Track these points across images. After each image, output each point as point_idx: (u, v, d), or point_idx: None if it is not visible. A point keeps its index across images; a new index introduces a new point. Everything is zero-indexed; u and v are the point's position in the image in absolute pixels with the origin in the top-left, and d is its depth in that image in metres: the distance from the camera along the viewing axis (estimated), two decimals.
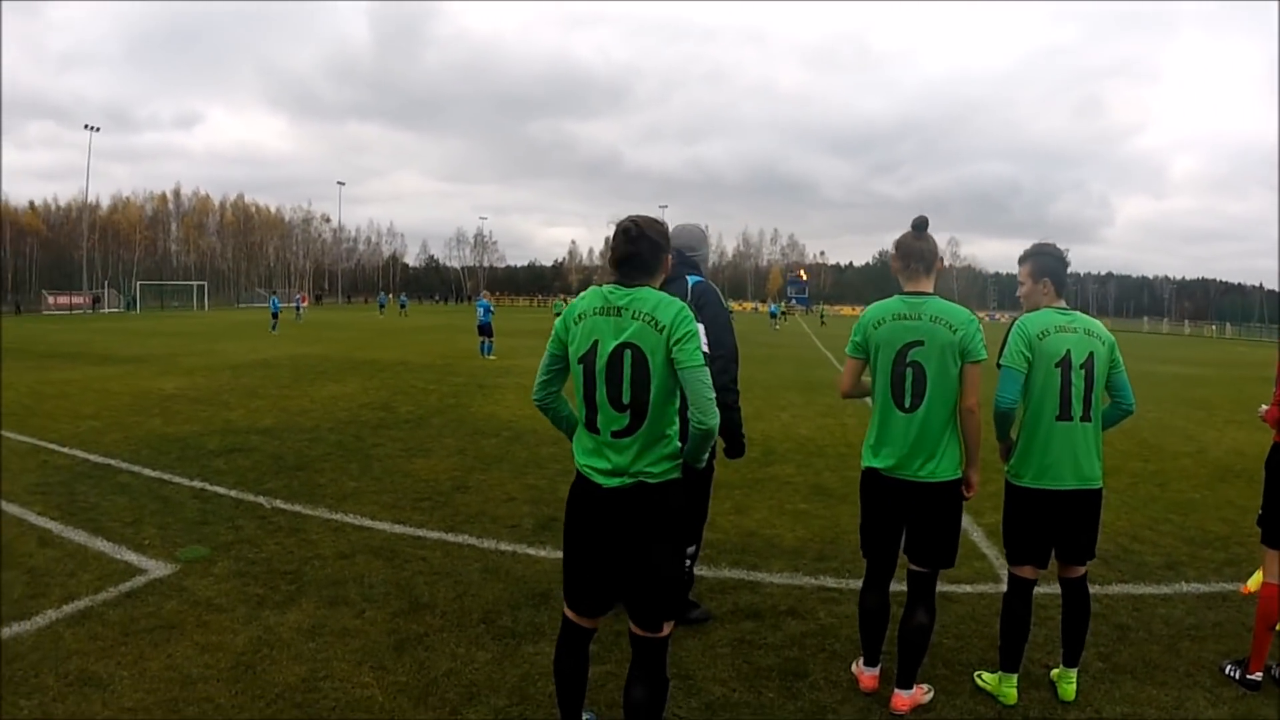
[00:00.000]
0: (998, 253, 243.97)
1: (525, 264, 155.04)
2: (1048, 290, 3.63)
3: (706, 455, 2.77)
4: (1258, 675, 3.72)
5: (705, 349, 2.98)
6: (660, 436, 2.66)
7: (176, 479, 6.98)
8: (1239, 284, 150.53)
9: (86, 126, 74.89)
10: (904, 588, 3.55)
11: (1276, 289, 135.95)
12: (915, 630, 3.47)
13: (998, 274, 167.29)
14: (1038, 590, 3.68)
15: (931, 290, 3.47)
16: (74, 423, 9.95)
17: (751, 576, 4.92)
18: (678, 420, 2.72)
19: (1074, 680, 3.62)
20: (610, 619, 3.30)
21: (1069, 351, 3.48)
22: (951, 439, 3.40)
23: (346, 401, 12.00)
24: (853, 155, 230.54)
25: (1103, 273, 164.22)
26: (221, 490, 6.60)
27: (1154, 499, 7.26)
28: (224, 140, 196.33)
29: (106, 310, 63.02)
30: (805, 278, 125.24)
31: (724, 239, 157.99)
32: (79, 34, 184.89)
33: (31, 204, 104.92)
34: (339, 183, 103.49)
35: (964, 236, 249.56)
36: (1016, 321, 3.63)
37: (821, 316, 63.58)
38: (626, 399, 2.63)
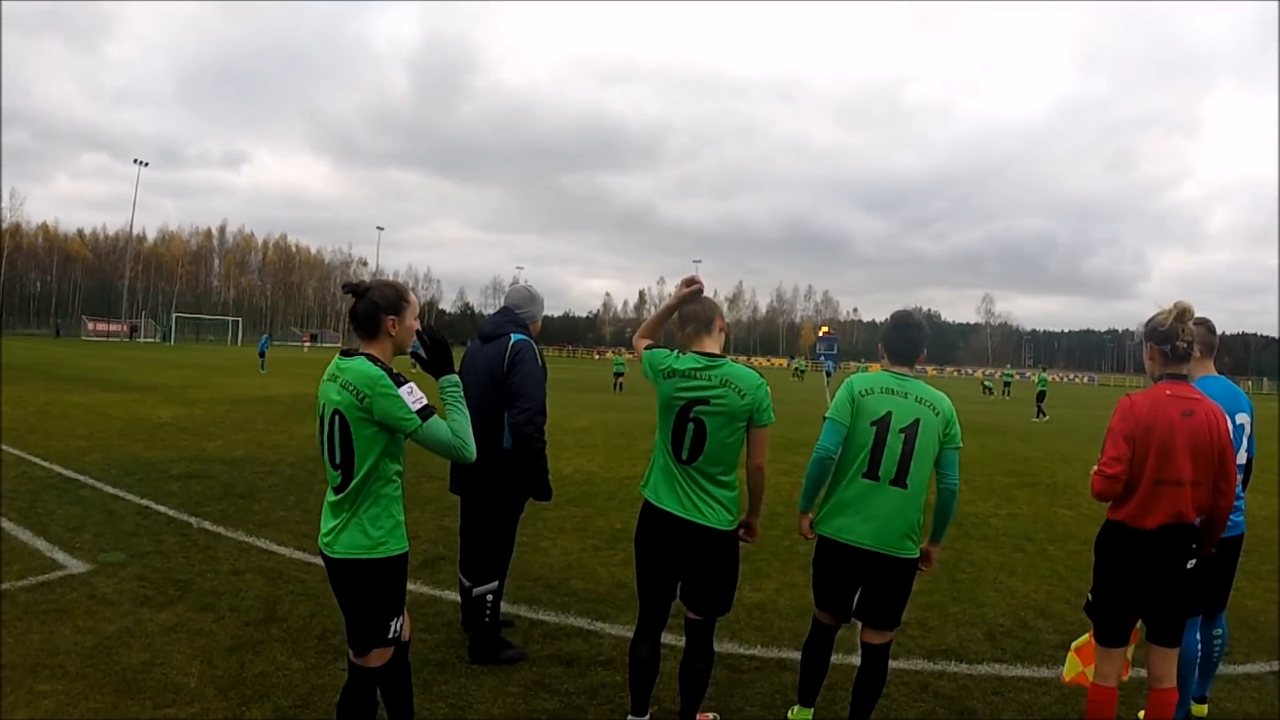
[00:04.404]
0: (1034, 310, 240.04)
1: (560, 314, 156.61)
2: (883, 355, 3.72)
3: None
4: None
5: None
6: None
7: (129, 496, 7.76)
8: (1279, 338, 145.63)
9: (135, 161, 78.87)
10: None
11: None
12: (692, 674, 3.56)
13: (1034, 331, 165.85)
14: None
15: (717, 350, 3.57)
16: (65, 441, 10.87)
17: (593, 626, 5.03)
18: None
19: None
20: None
21: (890, 413, 3.45)
22: (728, 491, 3.48)
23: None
24: (886, 211, 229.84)
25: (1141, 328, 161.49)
26: (164, 510, 7.33)
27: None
28: (269, 180, 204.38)
29: (142, 340, 65.22)
30: (829, 333, 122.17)
31: (758, 295, 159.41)
32: (134, 72, 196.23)
33: (80, 232, 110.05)
34: (378, 228, 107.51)
35: (999, 293, 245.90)
36: (848, 378, 3.71)
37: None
38: None
